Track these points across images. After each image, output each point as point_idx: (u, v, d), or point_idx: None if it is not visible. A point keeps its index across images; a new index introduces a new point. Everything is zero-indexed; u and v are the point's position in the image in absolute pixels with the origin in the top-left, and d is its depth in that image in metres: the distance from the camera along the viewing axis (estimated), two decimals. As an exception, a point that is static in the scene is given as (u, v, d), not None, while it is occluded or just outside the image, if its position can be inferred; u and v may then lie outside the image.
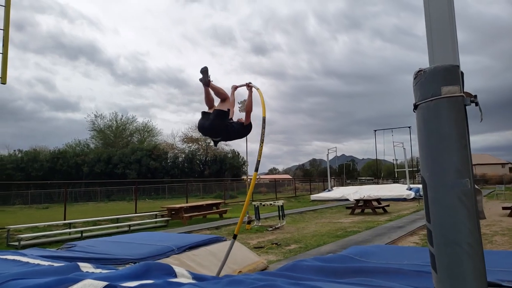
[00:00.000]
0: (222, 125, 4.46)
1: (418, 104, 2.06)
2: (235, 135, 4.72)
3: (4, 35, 5.60)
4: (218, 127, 4.46)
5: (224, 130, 4.52)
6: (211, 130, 4.48)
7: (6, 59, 5.45)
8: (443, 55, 2.02)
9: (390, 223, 11.77)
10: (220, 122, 4.44)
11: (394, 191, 23.96)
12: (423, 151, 2.09)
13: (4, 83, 5.40)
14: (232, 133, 4.62)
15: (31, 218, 16.36)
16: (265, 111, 4.79)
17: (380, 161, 53.29)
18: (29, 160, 37.20)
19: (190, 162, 42.13)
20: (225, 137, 4.67)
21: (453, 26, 2.07)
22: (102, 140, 46.13)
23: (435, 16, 2.10)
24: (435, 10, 2.11)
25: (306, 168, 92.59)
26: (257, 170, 4.71)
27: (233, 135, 4.71)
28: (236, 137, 4.87)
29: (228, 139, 4.90)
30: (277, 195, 28.06)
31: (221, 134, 4.58)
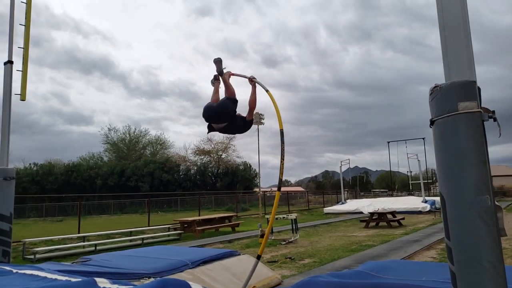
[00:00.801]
0: (231, 109, 4.41)
1: (435, 120, 2.05)
2: (236, 128, 4.62)
3: (24, 54, 5.79)
4: (227, 110, 4.39)
5: (232, 117, 4.44)
6: (219, 113, 4.39)
7: (25, 76, 5.62)
8: (459, 71, 2.01)
9: (406, 237, 11.55)
10: (231, 105, 4.40)
11: (409, 204, 23.56)
12: (440, 167, 2.07)
13: (23, 100, 5.57)
14: (235, 124, 4.52)
15: (45, 231, 16.56)
16: (281, 123, 4.61)
17: (394, 173, 52.60)
18: (44, 173, 37.82)
19: (202, 174, 42.26)
20: (229, 126, 4.50)
21: (468, 41, 2.06)
22: (116, 153, 46.70)
23: (450, 31, 2.10)
24: (450, 25, 2.11)
25: (318, 180, 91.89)
26: (280, 189, 4.58)
27: (234, 127, 4.60)
28: (236, 131, 4.77)
29: (229, 130, 4.71)
30: (289, 208, 27.86)
31: (227, 120, 4.44)
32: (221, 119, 4.44)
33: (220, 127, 4.50)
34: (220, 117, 4.42)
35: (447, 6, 2.14)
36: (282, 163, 4.44)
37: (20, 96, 5.60)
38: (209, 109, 4.46)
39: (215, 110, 4.42)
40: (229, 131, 4.74)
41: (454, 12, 2.13)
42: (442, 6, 2.11)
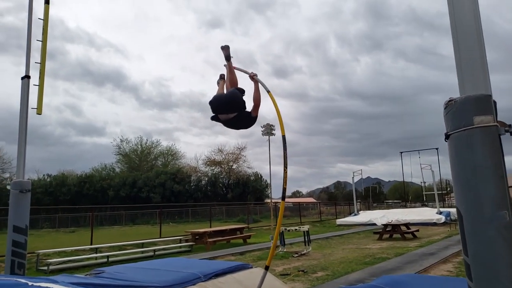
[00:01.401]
0: (241, 98, 4.41)
1: (450, 133, 2.03)
2: (242, 122, 4.56)
3: (41, 69, 5.94)
4: (238, 100, 4.38)
5: (241, 107, 4.42)
6: (229, 103, 4.36)
7: (42, 91, 5.76)
8: (474, 84, 1.99)
9: (421, 250, 11.32)
10: (240, 94, 4.40)
11: (423, 215, 23.14)
12: (457, 182, 2.04)
13: (39, 114, 5.69)
14: (242, 116, 4.47)
15: (58, 242, 16.72)
16: (283, 128, 4.58)
17: (407, 184, 51.85)
18: (57, 184, 38.33)
19: (213, 185, 42.31)
20: (236, 117, 4.43)
21: (483, 54, 2.05)
22: (127, 164, 47.14)
23: (464, 45, 2.09)
24: (463, 39, 2.09)
25: (330, 191, 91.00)
26: (284, 198, 4.53)
27: (240, 120, 4.53)
28: (241, 125, 4.67)
29: (235, 124, 4.58)
30: (301, 219, 27.64)
31: (236, 110, 4.40)
32: (230, 109, 4.39)
33: (229, 118, 4.43)
34: (230, 107, 4.38)
35: (460, 20, 2.13)
36: (285, 171, 4.39)
37: (36, 110, 5.73)
38: (219, 98, 4.46)
39: (226, 99, 4.42)
40: (234, 125, 4.62)
41: (467, 25, 2.11)
42: (455, 20, 2.11)
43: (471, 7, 2.12)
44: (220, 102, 4.40)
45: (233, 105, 4.37)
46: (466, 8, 2.13)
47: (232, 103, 4.37)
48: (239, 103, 4.40)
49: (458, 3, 2.16)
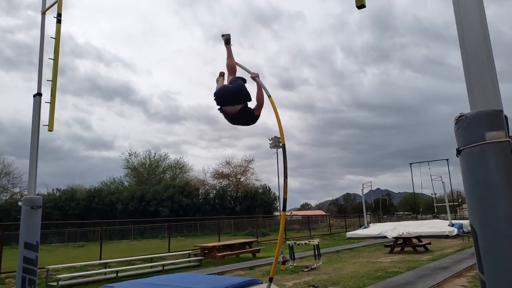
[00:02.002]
0: (247, 91, 4.50)
1: (462, 149, 2.01)
2: (246, 117, 4.59)
3: (52, 86, 6.05)
4: (243, 93, 4.47)
5: (247, 98, 4.50)
6: (235, 94, 4.43)
7: (53, 108, 5.86)
8: (485, 99, 1.98)
9: (434, 263, 11.09)
10: (246, 87, 4.52)
11: (435, 228, 22.74)
12: (470, 198, 2.01)
13: (51, 130, 5.78)
14: (247, 110, 4.53)
15: (68, 256, 16.75)
16: (283, 137, 4.57)
17: (418, 195, 51.15)
18: (66, 198, 38.61)
19: (221, 198, 42.22)
20: (242, 110, 4.48)
21: (492, 69, 2.04)
22: (136, 178, 47.37)
23: (473, 60, 2.08)
24: (473, 54, 2.09)
25: (340, 203, 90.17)
26: (285, 209, 4.52)
27: (245, 115, 4.56)
28: (245, 121, 4.70)
29: (240, 118, 4.60)
30: (311, 232, 27.35)
31: (243, 101, 4.47)
32: (237, 101, 4.45)
33: (235, 111, 4.47)
34: (238, 98, 4.45)
35: (469, 35, 2.13)
36: (285, 182, 4.39)
37: (47, 127, 5.82)
38: (226, 90, 4.51)
39: (233, 91, 4.47)
40: (238, 119, 4.63)
41: (476, 40, 2.11)
42: (464, 38, 2.11)
43: (479, 22, 2.12)
44: (227, 93, 4.47)
45: (240, 97, 4.46)
46: (474, 22, 2.13)
47: (239, 95, 4.45)
48: (246, 95, 4.50)
49: (466, 20, 2.17)
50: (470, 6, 2.16)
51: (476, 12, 2.14)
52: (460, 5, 2.20)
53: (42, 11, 7.34)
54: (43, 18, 7.24)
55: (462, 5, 2.19)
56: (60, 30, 6.69)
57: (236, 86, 4.53)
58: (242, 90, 4.51)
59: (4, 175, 39.10)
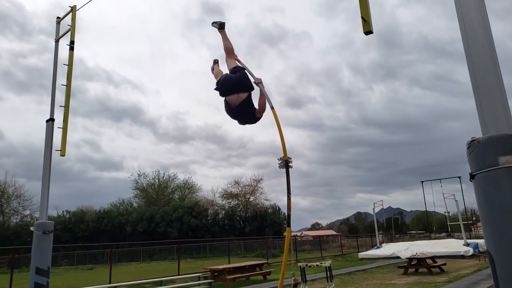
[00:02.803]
0: (250, 80, 4.66)
1: (475, 174, 1.99)
2: (248, 113, 4.69)
3: (65, 112, 6.19)
4: (246, 83, 4.61)
5: (250, 88, 4.65)
6: (239, 83, 4.57)
7: (65, 133, 5.96)
8: (496, 124, 1.98)
9: (450, 285, 10.76)
10: (247, 75, 4.68)
11: (449, 247, 22.16)
12: (486, 224, 1.97)
13: (63, 155, 5.87)
14: (250, 105, 4.67)
15: (77, 280, 16.64)
16: (285, 152, 4.56)
17: (430, 213, 50.20)
18: (76, 220, 38.69)
19: (230, 219, 41.91)
20: (246, 101, 4.60)
21: (503, 93, 2.04)
22: (145, 199, 47.39)
23: (482, 84, 2.08)
24: (481, 77, 2.09)
25: (351, 223, 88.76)
26: (289, 225, 4.53)
27: (248, 110, 4.68)
28: (246, 116, 4.77)
29: (243, 111, 4.69)
30: (322, 253, 26.87)
31: (246, 90, 4.60)
32: (241, 89, 4.59)
33: (240, 99, 4.56)
34: (241, 86, 4.60)
35: (477, 58, 2.14)
36: (289, 198, 4.40)
37: (60, 152, 5.91)
38: (229, 79, 4.64)
39: (237, 79, 4.62)
40: (240, 112, 4.71)
41: (484, 61, 2.12)
42: (472, 59, 2.12)
43: (486, 41, 2.13)
44: (230, 82, 4.60)
45: (243, 85, 4.61)
46: (480, 41, 2.14)
47: (242, 83, 4.60)
48: (249, 84, 4.66)
49: (473, 40, 2.18)
50: (476, 23, 2.17)
51: (482, 30, 2.15)
52: (466, 23, 2.21)
53: (55, 38, 7.58)
54: (56, 46, 7.47)
55: (467, 23, 2.20)
56: (72, 57, 6.89)
57: (239, 75, 4.68)
58: (245, 79, 4.67)
59: (15, 198, 39.46)
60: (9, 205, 39.07)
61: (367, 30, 2.76)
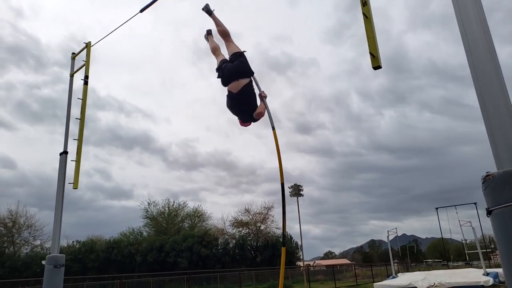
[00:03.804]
0: (249, 66, 4.81)
1: (492, 209, 1.95)
2: (247, 99, 4.83)
3: (78, 145, 6.30)
4: (244, 69, 4.78)
5: (249, 73, 4.80)
6: (239, 70, 4.74)
7: (78, 166, 6.05)
8: (510, 158, 1.95)
9: (471, 319, 10.27)
10: (245, 61, 4.83)
11: (468, 277, 21.30)
12: (505, 260, 1.91)
13: (75, 188, 5.92)
14: (249, 92, 4.81)
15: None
16: (282, 175, 4.59)
17: (447, 241, 48.71)
18: (86, 250, 38.45)
19: (241, 248, 41.20)
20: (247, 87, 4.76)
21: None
22: (155, 228, 47.04)
23: (494, 118, 2.06)
24: (494, 111, 2.08)
25: (365, 251, 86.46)
26: (284, 244, 4.62)
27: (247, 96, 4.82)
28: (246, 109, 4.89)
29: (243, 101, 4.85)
30: (336, 283, 26.08)
31: (245, 76, 4.76)
32: (240, 75, 4.77)
33: (240, 86, 4.74)
34: (240, 73, 4.77)
35: (487, 91, 2.14)
36: (284, 219, 4.48)
37: (72, 185, 5.97)
38: (229, 68, 4.81)
39: (234, 68, 4.79)
40: (240, 101, 4.85)
41: (494, 93, 2.11)
42: (483, 95, 2.12)
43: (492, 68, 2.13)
44: (230, 72, 4.80)
45: (242, 71, 4.80)
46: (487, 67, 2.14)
47: (241, 70, 4.79)
48: (248, 70, 4.85)
49: (481, 69, 2.18)
50: (481, 49, 2.18)
51: (489, 57, 2.16)
52: (472, 50, 2.22)
53: (70, 73, 7.84)
54: (71, 80, 7.72)
55: (473, 50, 2.21)
56: (87, 91, 7.09)
57: (237, 64, 4.84)
58: (243, 65, 4.84)
59: (26, 228, 39.55)
60: (20, 236, 39.10)
61: (376, 65, 2.80)
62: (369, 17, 2.79)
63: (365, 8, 2.79)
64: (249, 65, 4.92)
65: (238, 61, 4.88)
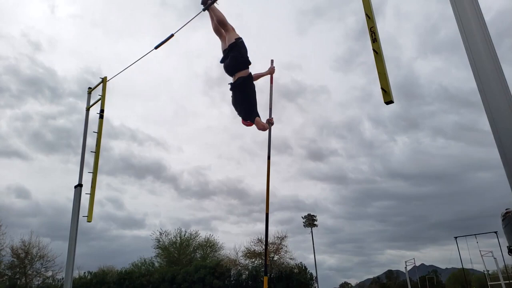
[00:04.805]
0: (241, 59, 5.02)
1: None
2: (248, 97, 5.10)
3: (93, 178, 6.37)
4: (237, 63, 4.98)
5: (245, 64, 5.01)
6: (233, 68, 4.98)
7: (93, 200, 6.10)
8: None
9: None
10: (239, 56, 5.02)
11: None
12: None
13: (89, 221, 5.95)
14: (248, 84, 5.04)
15: None
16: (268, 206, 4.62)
17: (468, 271, 46.72)
18: (97, 282, 38.06)
19: (254, 279, 40.20)
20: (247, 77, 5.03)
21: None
22: (167, 258, 46.48)
23: (510, 146, 2.04)
24: (507, 138, 2.05)
25: (382, 282, 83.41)
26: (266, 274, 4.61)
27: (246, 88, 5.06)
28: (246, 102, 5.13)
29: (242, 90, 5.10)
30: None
31: (242, 68, 4.97)
32: (237, 69, 5.04)
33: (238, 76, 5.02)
34: (236, 68, 5.03)
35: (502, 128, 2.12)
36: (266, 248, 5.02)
37: (86, 218, 6.00)
38: (227, 66, 5.07)
39: (231, 67, 5.05)
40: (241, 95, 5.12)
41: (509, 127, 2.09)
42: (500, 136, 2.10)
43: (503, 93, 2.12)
44: (227, 68, 5.08)
45: (237, 67, 5.05)
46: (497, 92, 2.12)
47: (235, 66, 5.04)
48: (236, 65, 5.07)
49: (491, 96, 2.17)
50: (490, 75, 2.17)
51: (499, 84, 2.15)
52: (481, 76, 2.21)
53: (86, 107, 8.06)
54: (87, 114, 7.92)
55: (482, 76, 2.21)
56: (102, 125, 7.25)
57: (229, 60, 5.08)
58: (234, 61, 5.06)
59: (38, 259, 39.45)
60: (32, 267, 38.99)
61: (388, 100, 2.82)
62: (380, 53, 2.84)
63: (375, 44, 2.84)
64: (240, 59, 5.09)
65: (230, 57, 5.09)
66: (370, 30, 2.86)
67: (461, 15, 2.42)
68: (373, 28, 2.89)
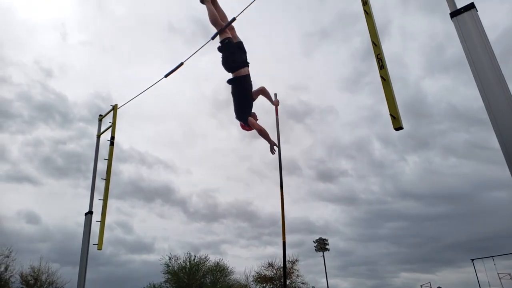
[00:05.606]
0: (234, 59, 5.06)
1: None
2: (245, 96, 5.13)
3: (103, 205, 6.37)
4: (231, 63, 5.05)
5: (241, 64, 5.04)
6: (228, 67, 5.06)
7: (103, 227, 6.08)
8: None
9: None
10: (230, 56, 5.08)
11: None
12: None
13: (99, 249, 5.91)
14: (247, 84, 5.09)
15: None
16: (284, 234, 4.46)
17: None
18: (108, 309, 37.43)
19: (266, 305, 39.21)
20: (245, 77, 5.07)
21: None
22: (176, 283, 45.68)
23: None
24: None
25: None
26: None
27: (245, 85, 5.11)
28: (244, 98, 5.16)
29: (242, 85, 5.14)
30: None
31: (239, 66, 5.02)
32: (234, 68, 5.08)
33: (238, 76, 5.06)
34: (232, 67, 5.07)
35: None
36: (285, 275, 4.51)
37: (97, 246, 5.96)
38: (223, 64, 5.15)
39: (226, 66, 5.12)
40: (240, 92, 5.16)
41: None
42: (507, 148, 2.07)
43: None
44: (224, 67, 5.19)
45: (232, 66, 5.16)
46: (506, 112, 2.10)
47: (230, 65, 5.15)
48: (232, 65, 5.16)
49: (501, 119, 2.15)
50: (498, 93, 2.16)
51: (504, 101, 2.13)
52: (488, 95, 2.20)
53: (97, 134, 8.15)
54: (98, 141, 8.01)
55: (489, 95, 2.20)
56: (112, 151, 7.30)
57: (222, 61, 5.19)
58: (225, 62, 5.17)
59: (48, 285, 39.06)
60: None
61: (397, 126, 2.82)
62: (387, 79, 2.86)
63: (383, 71, 2.87)
64: (229, 62, 5.17)
65: (222, 58, 5.21)
66: (377, 57, 2.89)
67: (465, 36, 2.45)
68: (379, 55, 2.92)
